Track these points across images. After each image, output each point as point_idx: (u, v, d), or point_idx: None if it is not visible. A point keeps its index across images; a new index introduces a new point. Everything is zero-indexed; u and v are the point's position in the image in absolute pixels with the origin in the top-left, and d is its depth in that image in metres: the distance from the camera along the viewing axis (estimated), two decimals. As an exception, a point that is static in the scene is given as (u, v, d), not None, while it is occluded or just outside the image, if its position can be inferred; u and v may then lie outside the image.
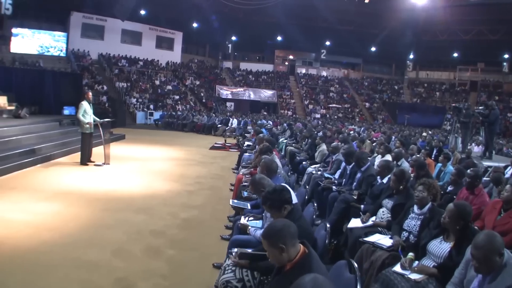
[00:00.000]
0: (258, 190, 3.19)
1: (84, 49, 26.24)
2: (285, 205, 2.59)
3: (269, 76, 34.73)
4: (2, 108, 11.87)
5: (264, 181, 3.22)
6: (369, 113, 31.79)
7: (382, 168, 4.68)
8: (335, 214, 4.58)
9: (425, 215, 3.27)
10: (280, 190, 2.61)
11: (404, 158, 6.86)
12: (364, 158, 5.35)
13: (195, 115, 21.84)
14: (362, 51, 33.89)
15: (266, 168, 3.77)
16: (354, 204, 4.60)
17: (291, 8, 27.43)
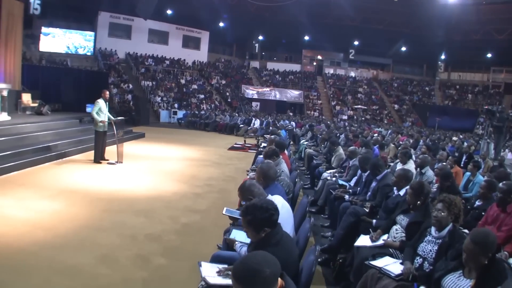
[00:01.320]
0: (246, 198, 2.82)
1: (112, 48, 26.76)
2: (266, 227, 2.18)
3: (296, 76, 34.18)
4: (26, 105, 12.13)
5: (254, 188, 2.84)
6: (398, 116, 30.59)
7: (398, 178, 4.10)
8: (342, 228, 4.07)
9: (444, 240, 2.76)
10: (267, 208, 2.18)
11: (430, 165, 6.29)
12: (380, 166, 4.80)
13: (218, 114, 21.70)
14: (392, 51, 32.70)
15: (262, 174, 3.39)
16: (365, 218, 4.06)
17: (318, 7, 26.81)
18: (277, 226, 2.24)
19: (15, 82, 12.97)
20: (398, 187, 4.11)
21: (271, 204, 2.23)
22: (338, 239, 4.01)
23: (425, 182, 3.64)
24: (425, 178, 5.84)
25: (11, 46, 12.55)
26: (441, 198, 2.87)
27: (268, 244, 2.17)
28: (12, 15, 12.34)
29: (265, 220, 2.17)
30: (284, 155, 5.51)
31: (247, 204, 2.24)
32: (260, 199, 2.28)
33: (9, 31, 12.32)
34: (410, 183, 3.70)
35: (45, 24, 22.35)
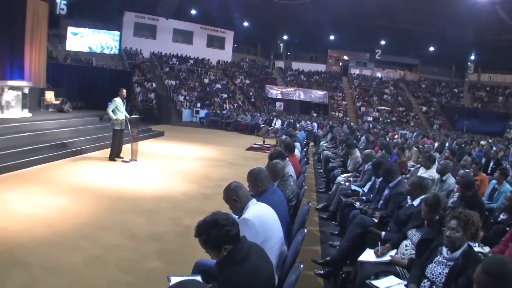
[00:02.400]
0: (230, 199, 2.61)
1: (137, 47, 27.21)
2: (226, 246, 1.95)
3: (321, 76, 33.66)
4: (48, 102, 12.42)
5: (239, 190, 2.58)
6: (425, 118, 29.46)
7: (412, 186, 3.67)
8: (347, 240, 3.74)
9: (456, 262, 2.40)
10: (222, 225, 1.94)
11: (451, 171, 5.82)
12: (394, 171, 4.38)
13: (240, 114, 21.61)
14: (419, 51, 31.44)
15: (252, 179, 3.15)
16: (373, 229, 3.69)
17: (343, 6, 26.18)
18: (240, 241, 2.00)
19: (39, 80, 13.34)
20: (412, 197, 3.69)
21: (227, 218, 1.98)
22: (342, 252, 3.71)
23: (441, 195, 3.18)
24: (445, 186, 5.42)
25: (36, 45, 12.89)
26: (455, 214, 2.46)
27: (231, 262, 1.95)
28: (37, 15, 12.67)
29: (221, 237, 1.93)
30: (293, 157, 5.27)
31: (199, 223, 1.99)
32: (214, 214, 2.02)
33: (34, 30, 12.66)
34: (425, 196, 3.25)
35: (71, 24, 23.00)
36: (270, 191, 3.12)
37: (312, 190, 7.74)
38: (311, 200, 6.97)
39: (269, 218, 2.53)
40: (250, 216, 2.42)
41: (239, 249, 1.97)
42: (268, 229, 2.45)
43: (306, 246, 4.54)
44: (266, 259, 2.10)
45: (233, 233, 1.95)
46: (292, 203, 3.59)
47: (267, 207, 2.63)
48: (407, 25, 27.92)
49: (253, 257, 1.98)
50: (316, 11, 26.98)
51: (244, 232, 2.27)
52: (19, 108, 9.68)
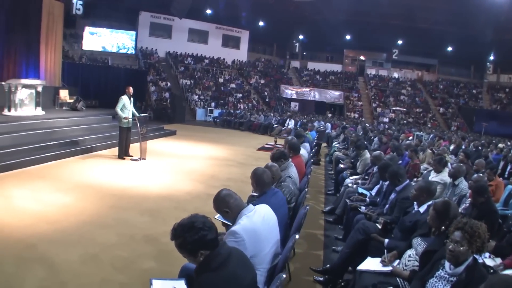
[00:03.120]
0: (221, 210, 2.51)
1: (152, 47, 27.44)
2: (202, 250, 1.86)
3: (337, 76, 33.25)
4: (63, 100, 12.62)
5: (230, 199, 2.44)
6: (442, 119, 28.65)
7: (419, 191, 3.42)
8: (348, 246, 3.56)
9: (459, 278, 2.21)
10: (198, 228, 1.84)
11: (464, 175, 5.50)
12: (401, 174, 4.18)
13: (253, 114, 21.54)
14: (437, 51, 30.51)
15: (255, 180, 3.07)
16: (376, 236, 3.47)
17: (359, 5, 25.74)
18: (218, 246, 1.90)
19: (55, 78, 13.58)
20: (419, 202, 3.46)
21: (204, 222, 1.88)
22: (343, 259, 3.52)
23: (453, 203, 2.94)
24: (457, 190, 5.14)
25: (51, 45, 13.12)
26: (460, 225, 2.21)
27: (207, 269, 1.86)
28: (52, 15, 12.89)
29: (197, 242, 1.84)
30: (298, 158, 5.13)
31: (175, 225, 1.90)
32: (191, 217, 1.92)
33: (49, 30, 12.89)
34: (434, 202, 3.04)
35: (87, 24, 23.37)
36: (270, 193, 3.04)
37: (320, 192, 7.59)
38: (319, 202, 6.89)
39: (263, 228, 2.40)
40: (240, 229, 2.29)
41: (216, 255, 1.87)
42: (261, 241, 2.34)
43: (309, 251, 4.45)
44: (247, 267, 2.00)
45: (209, 238, 1.86)
46: (290, 205, 3.46)
47: (265, 213, 2.52)
48: (425, 25, 27.19)
49: (232, 264, 1.88)
50: (332, 11, 26.63)
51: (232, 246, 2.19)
52: (32, 106, 9.83)
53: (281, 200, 3.09)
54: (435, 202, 2.87)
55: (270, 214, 2.55)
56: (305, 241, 4.69)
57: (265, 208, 2.56)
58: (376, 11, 25.67)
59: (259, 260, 2.31)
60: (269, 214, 2.54)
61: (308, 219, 5.66)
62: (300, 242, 4.58)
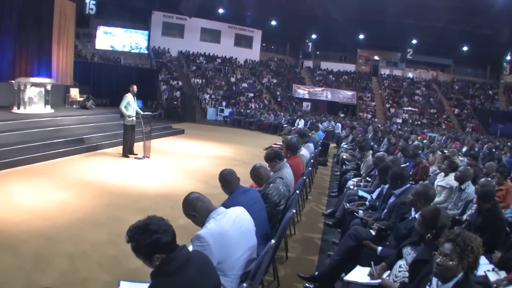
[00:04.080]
0: (188, 214, 2.43)
1: (165, 46, 27.63)
2: (157, 254, 1.78)
3: (350, 76, 32.86)
4: (73, 99, 12.77)
5: (198, 202, 2.35)
6: (457, 120, 27.98)
7: (416, 196, 3.19)
8: (339, 253, 3.39)
9: None
10: (153, 231, 1.77)
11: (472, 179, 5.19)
12: (402, 177, 3.92)
13: (263, 113, 21.44)
14: (453, 50, 29.83)
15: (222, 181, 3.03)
16: (369, 243, 3.29)
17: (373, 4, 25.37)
18: (174, 250, 1.81)
19: (66, 77, 13.76)
20: (416, 208, 3.23)
21: (159, 224, 1.81)
22: (333, 266, 3.36)
23: (444, 211, 2.69)
24: (464, 195, 4.93)
25: (63, 44, 13.29)
26: (451, 236, 1.97)
27: (161, 273, 1.78)
28: (64, 14, 13.06)
29: (150, 245, 1.76)
30: (295, 159, 5.02)
31: (130, 227, 1.84)
32: (147, 219, 1.85)
33: (61, 29, 13.06)
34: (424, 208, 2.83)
35: (101, 23, 23.68)
36: (238, 192, 2.94)
37: (324, 194, 7.45)
38: (320, 205, 6.75)
39: (232, 232, 2.28)
40: (206, 233, 2.20)
41: (171, 259, 1.78)
42: (229, 246, 2.23)
43: (303, 255, 4.32)
44: (207, 274, 1.90)
45: (164, 241, 1.78)
46: (279, 207, 3.35)
47: (238, 216, 2.41)
48: (439, 23, 26.60)
49: (189, 270, 1.78)
50: (345, 10, 26.34)
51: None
52: (41, 104, 9.95)
53: (252, 199, 2.97)
54: (425, 208, 2.71)
55: (243, 218, 2.45)
56: (300, 245, 4.57)
57: (238, 211, 2.46)
58: (389, 9, 25.23)
59: (229, 266, 2.21)
60: (242, 218, 2.43)
61: (307, 221, 5.57)
62: (294, 246, 4.49)
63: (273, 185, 3.46)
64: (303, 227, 5.25)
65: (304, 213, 5.89)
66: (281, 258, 4.07)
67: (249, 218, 2.50)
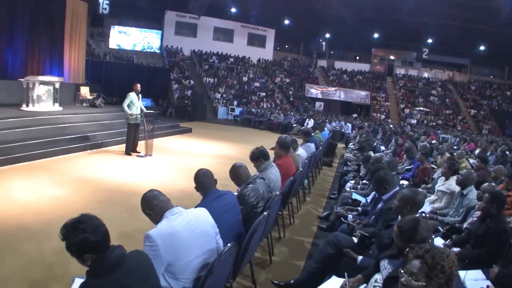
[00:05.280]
0: (144, 211, 2.40)
1: (177, 46, 27.84)
2: (87, 254, 1.76)
3: (364, 76, 32.42)
4: (83, 97, 12.99)
5: (154, 200, 2.31)
6: (473, 122, 27.20)
7: (402, 202, 2.93)
8: (317, 261, 3.23)
9: None
10: (81, 230, 1.74)
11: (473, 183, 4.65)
12: (388, 181, 3.66)
13: (273, 113, 21.39)
14: (470, 50, 29.01)
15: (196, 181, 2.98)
16: (349, 252, 3.09)
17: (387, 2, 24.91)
18: (106, 251, 1.78)
19: (78, 76, 14.05)
20: (402, 215, 2.94)
21: (88, 223, 1.78)
22: (309, 274, 3.20)
23: (423, 223, 2.37)
24: (465, 201, 4.53)
25: (75, 43, 13.56)
26: (420, 252, 1.73)
27: (91, 274, 1.75)
28: (76, 14, 13.33)
29: (79, 244, 1.73)
30: (286, 158, 4.95)
31: (62, 226, 1.81)
32: (79, 217, 1.83)
33: (73, 29, 13.33)
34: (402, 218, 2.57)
35: (114, 23, 24.04)
36: (211, 196, 2.86)
37: (323, 196, 7.33)
38: (318, 207, 6.64)
39: (185, 234, 2.22)
40: (155, 233, 2.14)
41: (101, 260, 1.75)
42: (180, 248, 2.16)
43: (289, 260, 4.20)
44: (142, 277, 1.84)
45: (93, 240, 1.74)
46: (257, 209, 3.28)
47: (194, 217, 2.33)
48: (455, 22, 25.88)
49: (120, 272, 1.74)
50: (359, 8, 25.97)
51: (145, 251, 2.07)
52: (50, 102, 10.16)
53: (227, 204, 2.88)
54: (402, 218, 2.44)
55: (201, 220, 2.38)
56: (288, 249, 4.45)
57: (197, 213, 2.41)
58: (405, 8, 24.73)
59: (179, 269, 2.16)
60: (199, 219, 2.36)
61: (301, 224, 5.47)
62: (282, 250, 4.40)
63: (252, 186, 3.38)
64: (295, 230, 5.14)
65: (299, 215, 5.80)
66: (265, 262, 4.00)
67: (210, 221, 2.44)
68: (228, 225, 2.79)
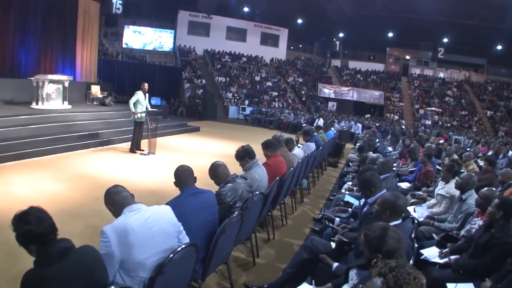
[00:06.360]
0: (106, 205, 2.45)
1: (190, 45, 28.05)
2: (32, 245, 1.80)
3: (378, 76, 31.98)
4: (94, 96, 13.24)
5: (115, 196, 2.34)
6: (489, 123, 26.43)
7: (381, 206, 2.81)
8: (291, 266, 3.16)
9: None
10: (26, 221, 1.79)
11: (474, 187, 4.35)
12: (375, 183, 3.49)
13: (283, 112, 21.35)
14: (486, 50, 28.20)
15: (176, 177, 3.02)
16: (325, 258, 2.97)
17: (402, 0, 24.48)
18: (50, 243, 1.83)
19: (90, 75, 14.33)
20: (382, 221, 2.74)
21: (33, 215, 1.83)
22: (284, 279, 3.13)
23: (392, 231, 2.19)
24: (464, 207, 4.25)
25: (87, 43, 13.84)
26: (383, 270, 1.60)
27: (36, 264, 1.81)
28: (88, 14, 13.59)
29: (24, 235, 1.80)
30: (276, 158, 4.93)
31: (13, 216, 1.87)
32: (25, 209, 1.88)
33: (85, 29, 13.60)
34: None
35: (128, 23, 24.40)
36: (187, 193, 2.89)
37: (323, 197, 7.26)
38: (315, 208, 6.58)
39: (140, 232, 2.21)
40: (109, 229, 2.16)
41: (43, 251, 1.81)
42: (133, 246, 2.16)
43: (274, 263, 4.12)
44: (85, 271, 1.87)
45: (36, 232, 1.80)
46: (234, 209, 3.27)
47: (153, 215, 2.32)
48: (471, 21, 25.19)
49: (62, 265, 1.79)
50: (373, 7, 25.62)
51: (100, 246, 2.10)
52: (59, 101, 10.38)
53: (202, 202, 2.90)
54: (370, 226, 2.26)
55: (160, 218, 2.37)
56: (275, 251, 4.39)
57: (157, 210, 2.40)
58: (420, 6, 24.24)
59: (132, 266, 2.17)
60: (158, 217, 2.35)
61: (294, 225, 5.42)
62: (269, 253, 4.35)
63: (230, 186, 3.38)
64: (286, 231, 5.09)
65: (293, 217, 5.75)
66: (248, 264, 3.97)
67: (170, 220, 2.44)
68: (199, 224, 2.80)
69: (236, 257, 4.10)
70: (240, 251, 4.23)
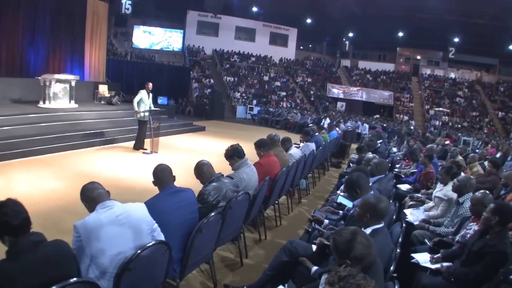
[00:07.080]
0: (82, 201, 2.52)
1: (199, 45, 28.22)
2: (5, 236, 1.90)
3: (388, 76, 31.66)
4: (101, 95, 13.43)
5: (90, 193, 2.42)
6: (501, 125, 25.91)
7: (362, 209, 2.77)
8: (271, 268, 3.12)
9: None
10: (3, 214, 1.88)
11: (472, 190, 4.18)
12: (361, 185, 3.47)
13: (290, 112, 21.34)
14: (498, 49, 27.59)
15: (155, 176, 3.06)
16: (305, 261, 2.90)
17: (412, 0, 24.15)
18: (23, 236, 1.90)
19: (99, 74, 14.55)
20: (363, 224, 2.74)
21: (9, 207, 1.91)
22: (263, 281, 3.10)
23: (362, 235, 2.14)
24: (461, 210, 4.11)
25: (95, 42, 14.04)
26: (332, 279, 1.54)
27: (7, 255, 1.88)
28: (97, 14, 13.79)
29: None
30: (268, 158, 4.94)
31: None
32: (6, 200, 1.96)
33: (94, 29, 13.80)
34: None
35: (138, 23, 24.67)
36: (167, 191, 2.94)
37: (322, 198, 7.25)
38: (312, 209, 6.56)
39: (110, 228, 2.27)
40: (80, 225, 2.24)
41: (14, 243, 1.88)
42: (104, 242, 2.22)
43: (262, 264, 4.09)
44: (53, 265, 1.93)
45: (10, 224, 1.87)
46: (217, 209, 3.30)
47: (124, 212, 2.36)
48: (482, 20, 24.71)
49: (31, 258, 1.85)
50: (383, 6, 25.37)
51: (72, 242, 2.17)
52: (66, 100, 10.57)
53: (182, 201, 2.95)
54: (339, 230, 2.22)
55: (132, 215, 2.41)
56: (265, 252, 4.38)
57: (130, 208, 2.45)
58: (430, 5, 23.91)
59: (102, 262, 2.21)
60: (130, 215, 2.40)
61: (288, 226, 5.43)
62: (259, 253, 4.36)
63: (214, 185, 3.41)
64: (280, 232, 5.09)
65: (289, 217, 5.76)
66: (235, 264, 3.98)
67: (143, 217, 2.48)
68: (177, 222, 2.84)
69: (224, 257, 4.12)
70: (230, 251, 4.25)
